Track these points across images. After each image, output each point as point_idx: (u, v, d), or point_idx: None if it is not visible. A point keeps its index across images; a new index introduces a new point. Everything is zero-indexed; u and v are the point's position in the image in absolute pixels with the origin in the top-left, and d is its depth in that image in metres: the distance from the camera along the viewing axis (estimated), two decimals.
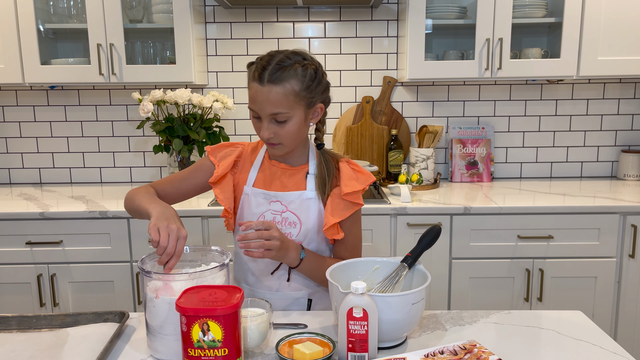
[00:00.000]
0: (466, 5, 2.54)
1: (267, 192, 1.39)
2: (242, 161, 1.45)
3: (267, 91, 1.26)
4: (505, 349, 1.12)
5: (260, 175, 1.42)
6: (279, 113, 1.27)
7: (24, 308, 2.27)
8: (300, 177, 1.40)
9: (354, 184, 1.36)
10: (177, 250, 1.14)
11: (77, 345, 1.11)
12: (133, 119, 2.78)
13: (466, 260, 2.26)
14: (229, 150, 1.45)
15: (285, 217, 1.37)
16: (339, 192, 1.37)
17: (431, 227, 1.31)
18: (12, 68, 2.39)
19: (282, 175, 1.41)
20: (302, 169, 1.41)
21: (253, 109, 1.30)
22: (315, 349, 1.05)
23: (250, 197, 1.40)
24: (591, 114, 2.79)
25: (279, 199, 1.38)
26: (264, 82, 1.26)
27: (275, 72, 1.25)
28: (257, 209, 1.39)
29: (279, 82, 1.25)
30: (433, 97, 2.78)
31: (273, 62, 1.26)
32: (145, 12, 2.50)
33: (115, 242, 2.24)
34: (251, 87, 1.29)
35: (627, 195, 2.37)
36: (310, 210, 1.38)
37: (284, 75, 1.26)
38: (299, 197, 1.38)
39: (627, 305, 2.28)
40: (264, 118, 1.29)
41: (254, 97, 1.28)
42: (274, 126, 1.29)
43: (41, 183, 2.84)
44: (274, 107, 1.27)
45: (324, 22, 2.71)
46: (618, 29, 2.38)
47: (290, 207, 1.37)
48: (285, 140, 1.31)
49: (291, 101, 1.27)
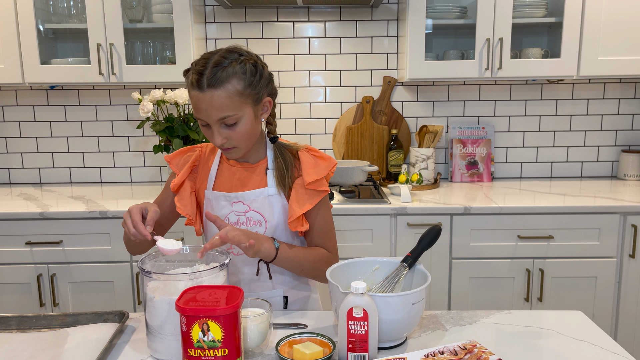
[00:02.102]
0: (466, 5, 2.54)
1: (228, 194, 1.35)
2: (200, 165, 1.41)
3: (210, 97, 1.20)
4: (505, 349, 1.12)
5: (219, 177, 1.38)
6: (227, 117, 1.22)
7: (24, 308, 2.27)
8: (260, 174, 1.37)
9: (315, 172, 1.32)
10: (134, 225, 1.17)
11: (77, 345, 1.11)
12: (133, 119, 2.78)
13: (466, 260, 2.26)
14: (186, 156, 1.41)
15: (249, 216, 1.34)
16: (301, 182, 1.33)
17: (431, 227, 1.31)
18: (12, 68, 2.39)
19: (241, 174, 1.37)
20: (261, 164, 1.37)
21: (199, 118, 1.24)
22: (315, 349, 1.05)
23: (211, 201, 1.36)
24: (591, 114, 2.79)
25: (240, 199, 1.34)
26: (204, 88, 1.20)
27: (213, 75, 1.19)
28: (221, 212, 1.35)
29: (219, 85, 1.20)
30: (433, 97, 2.78)
31: (209, 65, 1.21)
32: (145, 12, 2.50)
33: (115, 242, 2.24)
34: (192, 96, 1.23)
35: (627, 195, 2.37)
36: (274, 206, 1.34)
37: (223, 76, 1.20)
38: (261, 194, 1.34)
39: (627, 305, 2.28)
40: (213, 125, 1.23)
41: (197, 105, 1.22)
42: (225, 130, 1.25)
43: (41, 183, 2.84)
44: (220, 112, 1.21)
45: (324, 22, 2.71)
46: (618, 29, 2.38)
47: (253, 205, 1.34)
48: (239, 143, 1.27)
49: (236, 102, 1.22)
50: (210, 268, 1.10)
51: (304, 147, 1.38)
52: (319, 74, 2.75)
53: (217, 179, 1.38)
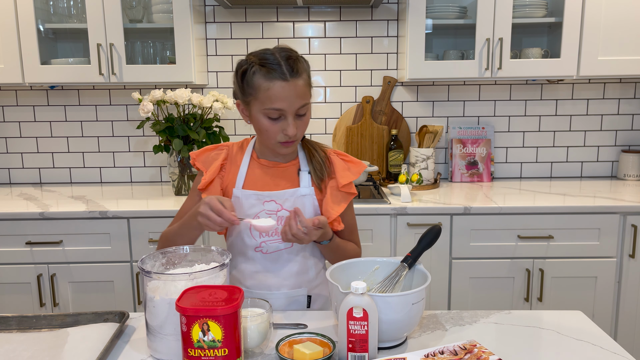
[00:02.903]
0: (466, 5, 2.54)
1: (260, 193, 1.36)
2: (228, 163, 1.41)
3: (294, 85, 1.25)
4: (505, 349, 1.12)
5: (249, 176, 1.39)
6: (304, 104, 1.28)
7: (24, 308, 2.27)
8: (292, 174, 1.39)
9: (348, 175, 1.38)
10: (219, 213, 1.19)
11: (77, 345, 1.11)
12: (133, 119, 2.78)
13: (466, 260, 2.26)
14: (214, 154, 1.41)
15: (280, 215, 1.36)
16: (335, 184, 1.38)
17: (431, 227, 1.31)
18: (12, 68, 2.39)
19: (273, 173, 1.39)
20: (292, 164, 1.40)
21: (279, 108, 1.26)
22: (315, 349, 1.05)
23: (240, 200, 1.37)
24: (591, 114, 2.80)
25: (273, 199, 1.36)
26: (288, 78, 1.25)
27: (293, 65, 1.26)
28: (250, 210, 1.36)
29: (299, 75, 1.27)
30: (433, 97, 2.78)
31: (282, 57, 1.27)
32: (145, 12, 2.50)
33: (115, 242, 2.24)
34: (271, 87, 1.25)
35: (627, 195, 2.37)
36: (305, 206, 1.37)
37: (300, 67, 1.28)
38: (294, 194, 1.36)
39: (627, 305, 2.28)
40: (291, 114, 1.27)
41: (280, 94, 1.25)
42: (297, 121, 1.29)
43: (41, 183, 2.84)
44: (301, 100, 1.27)
45: (324, 22, 2.71)
46: (618, 29, 2.38)
47: (285, 205, 1.36)
48: (301, 133, 1.32)
49: (308, 91, 1.30)
50: (210, 268, 1.10)
51: (332, 150, 1.44)
52: (319, 74, 2.75)
53: (248, 177, 1.39)
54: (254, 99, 1.28)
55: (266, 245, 1.37)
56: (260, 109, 1.28)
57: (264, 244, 1.37)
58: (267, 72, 1.25)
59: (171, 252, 1.20)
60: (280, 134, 1.29)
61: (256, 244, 1.37)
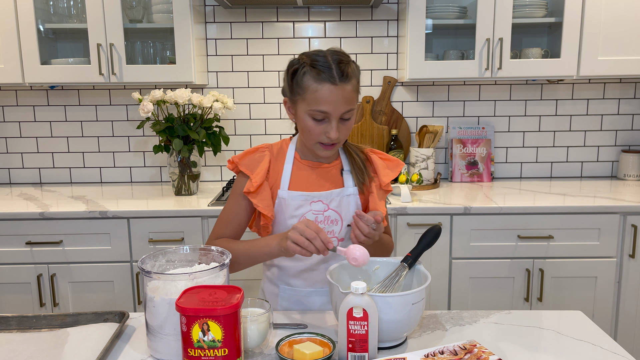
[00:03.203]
0: (466, 5, 2.54)
1: (308, 194, 1.38)
2: (271, 165, 1.41)
3: (342, 90, 1.26)
4: (505, 349, 1.12)
5: (294, 177, 1.40)
6: (349, 110, 1.29)
7: (24, 308, 2.27)
8: (335, 174, 1.42)
9: (389, 173, 1.42)
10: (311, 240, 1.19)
11: (77, 345, 1.11)
12: (133, 119, 2.78)
13: (466, 260, 2.26)
14: (257, 156, 1.40)
15: (327, 215, 1.38)
16: (377, 183, 1.42)
17: (431, 227, 1.31)
18: (12, 68, 2.39)
19: (317, 174, 1.41)
20: (335, 165, 1.43)
21: (324, 111, 1.27)
22: (315, 349, 1.05)
23: (287, 201, 1.38)
24: (591, 114, 2.80)
25: (320, 199, 1.38)
26: (337, 82, 1.25)
27: (343, 70, 1.26)
28: (297, 211, 1.37)
29: (348, 80, 1.27)
30: (433, 97, 2.78)
31: (334, 61, 1.27)
32: (145, 12, 2.50)
33: (115, 242, 2.24)
34: (319, 89, 1.26)
35: (627, 195, 2.37)
36: (350, 206, 1.40)
37: (350, 72, 1.28)
38: (340, 194, 1.39)
39: (627, 305, 2.28)
40: (335, 118, 1.28)
41: (327, 98, 1.26)
42: (340, 125, 1.31)
43: (41, 183, 2.84)
44: (347, 105, 1.28)
45: (324, 22, 2.71)
46: (618, 29, 2.38)
47: (331, 205, 1.39)
48: (344, 137, 1.34)
49: (355, 97, 1.31)
50: (210, 268, 1.10)
51: (369, 149, 1.47)
52: None
53: (293, 179, 1.40)
54: (301, 99, 1.30)
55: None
56: (306, 109, 1.30)
57: None
58: (317, 74, 1.26)
59: (171, 252, 1.20)
60: (323, 135, 1.31)
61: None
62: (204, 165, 2.82)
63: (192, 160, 2.48)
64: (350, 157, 1.43)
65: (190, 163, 2.47)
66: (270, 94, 2.76)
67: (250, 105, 2.77)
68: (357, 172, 1.41)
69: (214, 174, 2.84)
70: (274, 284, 1.47)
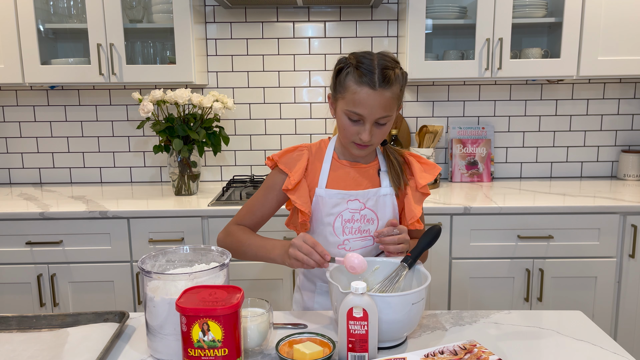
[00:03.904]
0: (466, 5, 2.54)
1: (346, 192, 1.40)
2: (310, 164, 1.44)
3: (380, 95, 1.27)
4: (505, 349, 1.12)
5: (332, 176, 1.42)
6: (385, 116, 1.30)
7: (24, 308, 2.27)
8: (372, 174, 1.43)
9: (426, 176, 1.43)
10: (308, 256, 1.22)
11: (77, 345, 1.11)
12: (133, 119, 2.78)
13: (466, 260, 2.26)
14: (295, 155, 1.44)
15: (363, 214, 1.40)
16: (414, 185, 1.42)
17: (431, 227, 1.31)
18: (12, 68, 2.39)
19: (354, 173, 1.42)
20: (372, 165, 1.44)
21: (359, 113, 1.29)
22: (315, 349, 1.05)
23: (324, 199, 1.40)
24: (591, 114, 2.80)
25: (357, 198, 1.40)
26: (376, 87, 1.26)
27: (385, 76, 1.27)
28: (334, 209, 1.39)
29: (388, 87, 1.28)
30: (433, 97, 2.78)
31: (378, 65, 1.28)
32: (145, 12, 2.50)
33: (115, 242, 2.24)
34: (357, 92, 1.28)
35: (627, 195, 2.37)
36: (386, 205, 1.41)
37: (392, 79, 1.28)
38: (376, 194, 1.40)
39: (627, 305, 2.28)
40: (369, 122, 1.30)
41: (364, 101, 1.27)
42: (374, 128, 1.32)
43: (41, 183, 2.84)
44: (384, 111, 1.29)
45: (324, 22, 2.71)
46: (618, 29, 2.38)
47: (368, 204, 1.40)
48: (377, 141, 1.35)
49: (394, 104, 1.31)
50: (210, 268, 1.10)
51: (408, 152, 1.48)
52: (319, 74, 2.75)
53: (330, 177, 1.42)
54: (342, 98, 1.32)
55: (349, 243, 1.41)
56: (343, 108, 1.32)
57: (347, 241, 1.40)
58: (359, 76, 1.28)
59: (171, 252, 1.20)
60: (356, 136, 1.33)
61: (339, 242, 1.40)
62: (204, 165, 2.82)
63: (192, 160, 2.48)
64: (388, 158, 1.44)
65: (190, 163, 2.47)
66: (270, 94, 2.76)
67: (250, 105, 2.77)
68: (393, 173, 1.42)
69: (214, 174, 2.84)
70: (311, 282, 1.49)
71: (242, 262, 2.24)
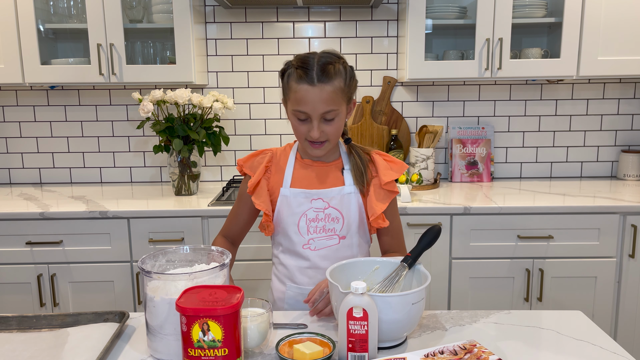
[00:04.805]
0: (466, 5, 2.54)
1: (309, 191, 1.41)
2: (273, 165, 1.46)
3: (319, 91, 1.29)
4: (505, 349, 1.12)
5: (296, 176, 1.44)
6: (330, 111, 1.31)
7: (24, 308, 2.27)
8: (336, 173, 1.44)
9: (391, 173, 1.42)
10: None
11: (77, 345, 1.11)
12: (133, 119, 2.78)
13: (466, 260, 2.26)
14: (259, 158, 1.47)
15: (327, 213, 1.40)
16: (378, 182, 1.42)
17: (431, 227, 1.31)
18: (12, 68, 2.39)
19: (317, 172, 1.43)
20: (335, 163, 1.45)
21: (303, 111, 1.31)
22: (315, 349, 1.05)
23: (289, 199, 1.41)
24: (591, 114, 2.80)
25: (320, 197, 1.40)
26: (315, 82, 1.28)
27: (323, 71, 1.28)
28: (298, 208, 1.40)
29: (328, 81, 1.29)
30: (433, 97, 2.78)
31: (316, 62, 1.29)
32: (145, 12, 2.50)
33: (115, 242, 2.24)
34: (298, 90, 1.30)
35: (627, 195, 2.37)
36: (351, 204, 1.41)
37: (332, 73, 1.30)
38: (340, 192, 1.41)
39: (627, 305, 2.28)
40: (315, 118, 1.31)
41: (304, 98, 1.30)
42: (323, 125, 1.33)
43: (41, 183, 2.84)
44: (327, 106, 1.30)
45: (324, 22, 2.71)
46: (618, 29, 2.38)
47: (332, 203, 1.40)
48: (331, 137, 1.35)
49: (339, 98, 1.32)
50: (210, 268, 1.10)
51: (375, 150, 1.48)
52: None
53: (294, 177, 1.44)
54: (288, 99, 1.35)
55: (314, 242, 1.41)
56: (291, 110, 1.35)
57: (312, 241, 1.41)
58: (298, 76, 1.30)
59: (171, 252, 1.21)
60: (307, 134, 1.35)
61: (304, 241, 1.41)
62: (204, 165, 2.82)
63: (192, 160, 2.48)
64: (352, 156, 1.44)
65: (190, 163, 2.47)
66: (270, 94, 2.76)
67: (250, 105, 2.77)
68: (357, 171, 1.42)
69: (214, 174, 2.84)
70: (282, 282, 1.49)
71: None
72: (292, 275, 1.46)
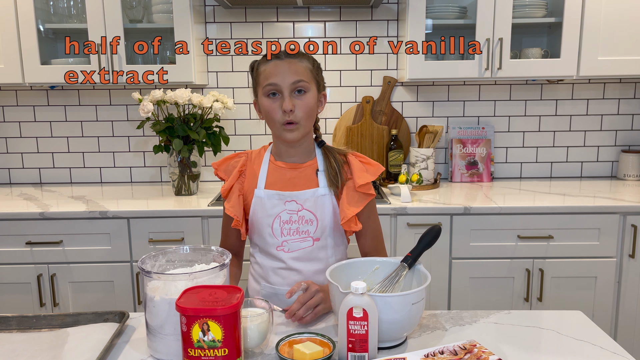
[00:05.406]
0: (466, 5, 2.54)
1: (282, 193, 1.40)
2: (248, 168, 1.46)
3: (288, 63, 1.33)
4: (505, 349, 1.12)
5: (270, 178, 1.43)
6: (300, 81, 1.33)
7: (24, 308, 2.27)
8: (310, 175, 1.42)
9: (366, 176, 1.40)
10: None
11: (77, 345, 1.11)
12: (133, 119, 2.78)
13: (466, 260, 2.26)
14: (233, 162, 1.48)
15: (301, 215, 1.39)
16: (352, 184, 1.40)
17: (431, 227, 1.31)
18: (12, 68, 2.39)
19: (291, 174, 1.43)
20: (309, 165, 1.43)
21: (273, 82, 1.32)
22: (315, 349, 1.05)
23: (263, 200, 1.41)
24: (591, 114, 2.80)
25: (294, 199, 1.40)
26: (283, 57, 1.34)
27: (292, 50, 1.36)
28: (272, 210, 1.40)
29: (296, 57, 1.35)
30: (433, 97, 2.78)
31: (284, 49, 1.37)
32: (145, 12, 2.50)
33: (115, 242, 2.24)
34: (267, 67, 1.35)
35: (627, 195, 2.37)
36: (325, 206, 1.40)
37: (299, 54, 1.36)
38: (314, 194, 1.40)
39: (627, 305, 2.28)
40: (285, 89, 1.33)
41: (274, 71, 1.33)
42: (294, 99, 1.34)
43: (41, 183, 2.84)
44: (296, 75, 1.33)
45: (324, 22, 2.71)
46: (618, 29, 2.38)
47: (305, 205, 1.39)
48: (302, 118, 1.34)
49: (309, 74, 1.35)
50: (210, 268, 1.10)
51: (351, 152, 1.46)
52: None
53: (268, 179, 1.43)
54: (258, 85, 1.37)
55: (288, 244, 1.41)
56: (261, 92, 1.36)
57: (286, 243, 1.41)
58: (267, 58, 1.36)
59: (171, 252, 1.20)
60: (280, 112, 1.34)
61: (278, 243, 1.41)
62: (204, 165, 2.82)
63: (192, 160, 2.48)
64: (326, 158, 1.43)
65: (190, 163, 2.47)
66: None
67: (250, 105, 2.77)
68: (331, 172, 1.41)
69: (214, 174, 2.84)
70: (257, 282, 1.49)
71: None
72: (267, 275, 1.45)
